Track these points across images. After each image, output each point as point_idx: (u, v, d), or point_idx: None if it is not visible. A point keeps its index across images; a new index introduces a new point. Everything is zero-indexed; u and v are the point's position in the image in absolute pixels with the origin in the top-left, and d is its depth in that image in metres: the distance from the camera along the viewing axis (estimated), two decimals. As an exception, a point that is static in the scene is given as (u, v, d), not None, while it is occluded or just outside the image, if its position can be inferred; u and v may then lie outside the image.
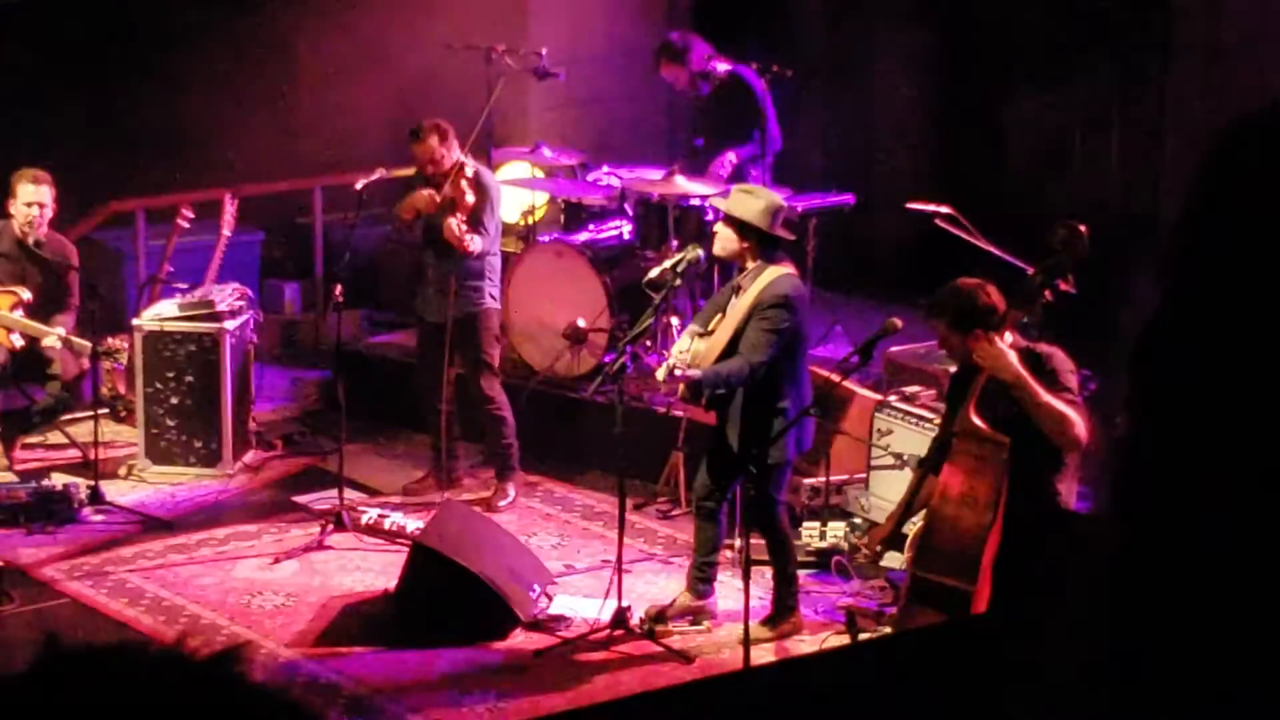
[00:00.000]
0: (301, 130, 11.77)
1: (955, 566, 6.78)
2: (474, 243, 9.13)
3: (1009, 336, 6.89)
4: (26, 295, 9.68)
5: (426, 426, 9.80)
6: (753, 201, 7.99)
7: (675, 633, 8.12)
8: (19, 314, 9.66)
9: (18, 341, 9.65)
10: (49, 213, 9.73)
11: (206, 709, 1.12)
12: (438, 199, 9.21)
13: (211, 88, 11.72)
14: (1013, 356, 6.76)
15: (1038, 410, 6.72)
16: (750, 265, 7.96)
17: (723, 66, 10.59)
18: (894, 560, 8.21)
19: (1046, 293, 6.87)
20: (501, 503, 9.46)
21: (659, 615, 8.15)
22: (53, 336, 9.58)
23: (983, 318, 6.90)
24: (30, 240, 9.72)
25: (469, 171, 9.26)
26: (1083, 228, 6.90)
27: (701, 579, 8.21)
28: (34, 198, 9.65)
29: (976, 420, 6.85)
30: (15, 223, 9.71)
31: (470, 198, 9.17)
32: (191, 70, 11.67)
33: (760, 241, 7.92)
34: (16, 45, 11.41)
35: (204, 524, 9.35)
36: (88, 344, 9.59)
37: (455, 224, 9.09)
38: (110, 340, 9.75)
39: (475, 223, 9.20)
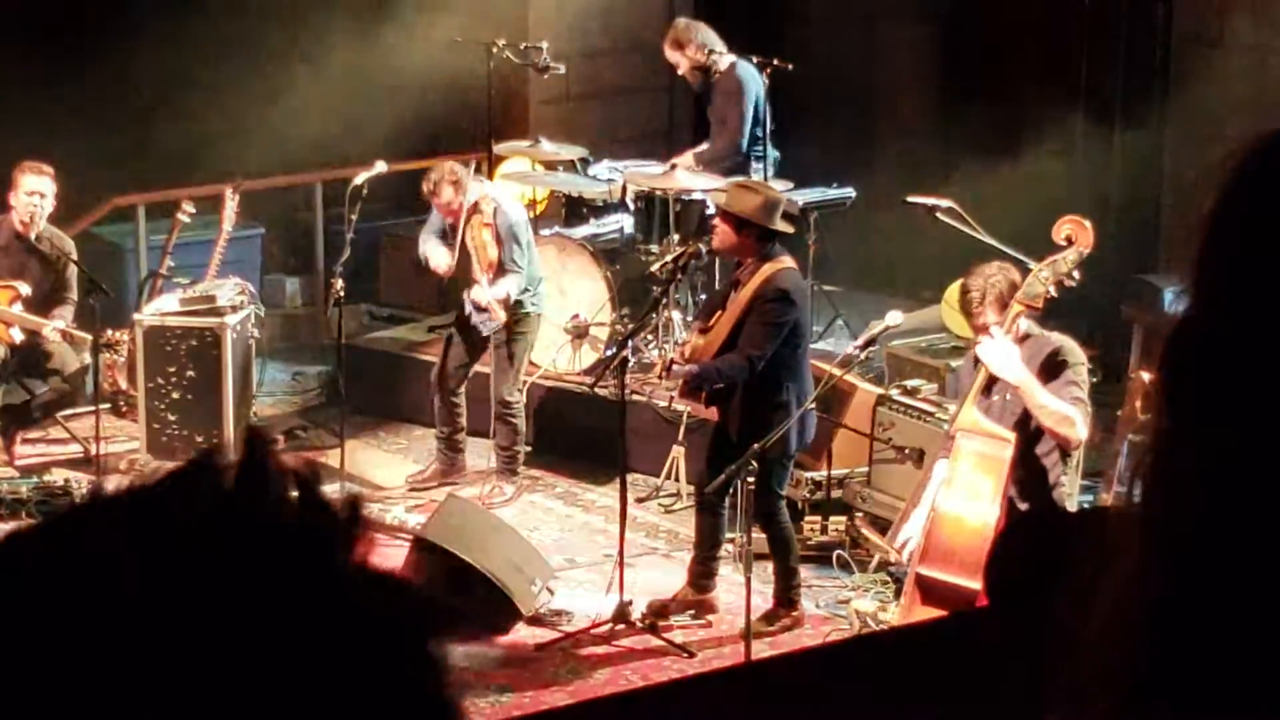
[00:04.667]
0: (302, 125, 11.76)
1: (961, 566, 6.77)
2: (502, 310, 9.12)
3: (1023, 324, 6.88)
4: (25, 290, 9.67)
5: (438, 418, 9.73)
6: (750, 197, 7.97)
7: (677, 627, 8.12)
8: (18, 308, 9.65)
9: (17, 336, 9.65)
10: (49, 205, 9.71)
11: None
12: (451, 266, 9.26)
13: (212, 83, 11.71)
14: (1015, 353, 6.75)
15: (1037, 408, 6.71)
16: (749, 260, 7.95)
17: (726, 60, 10.57)
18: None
19: (1051, 288, 6.86)
20: (496, 500, 9.45)
21: (661, 609, 8.15)
22: (51, 329, 9.57)
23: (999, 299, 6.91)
24: (32, 233, 9.72)
25: (488, 214, 9.19)
26: (1087, 223, 6.89)
27: (703, 573, 8.21)
28: (35, 187, 9.63)
29: (979, 415, 6.85)
30: (16, 215, 9.70)
31: (493, 251, 9.12)
32: (192, 65, 11.66)
33: (759, 236, 7.91)
34: (17, 40, 11.41)
35: (205, 519, 9.33)
36: (88, 337, 9.58)
37: (481, 293, 9.07)
38: (111, 334, 9.74)
39: (504, 266, 9.17)
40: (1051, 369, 6.81)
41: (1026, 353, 6.87)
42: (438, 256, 9.36)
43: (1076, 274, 6.92)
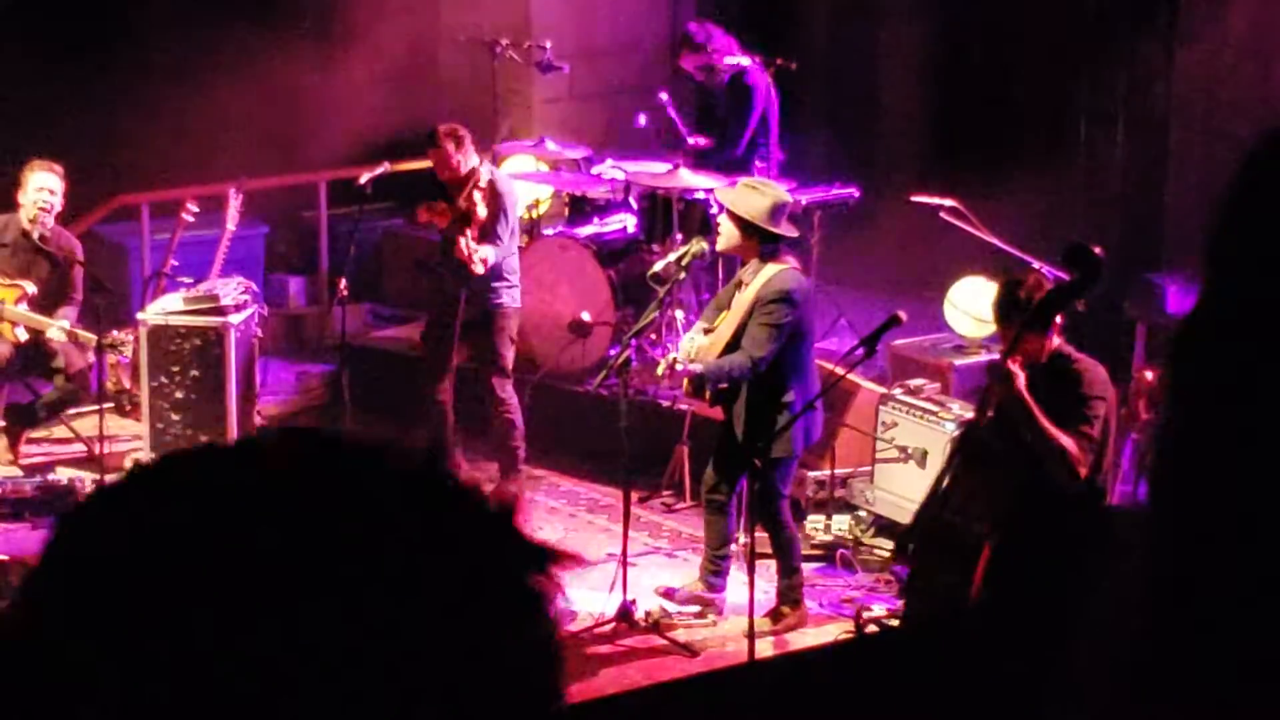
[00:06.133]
0: (306, 124, 11.77)
1: (972, 515, 6.67)
2: (480, 264, 9.03)
3: (1056, 340, 6.82)
4: (31, 289, 9.67)
5: (426, 419, 9.74)
6: (757, 199, 7.97)
7: (680, 626, 8.12)
8: (23, 307, 9.65)
9: (22, 335, 9.65)
10: (58, 204, 9.71)
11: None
12: (450, 216, 9.16)
13: (215, 81, 11.72)
14: (1020, 381, 6.65)
15: (1036, 439, 6.61)
16: (753, 260, 7.95)
17: (732, 60, 10.57)
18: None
19: (1060, 316, 6.80)
20: (499, 499, 9.44)
21: (667, 593, 8.18)
22: (57, 329, 9.58)
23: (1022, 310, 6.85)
24: (36, 234, 9.71)
25: (483, 181, 9.17)
26: (1098, 250, 6.81)
27: (714, 571, 8.21)
28: (46, 185, 9.62)
29: (989, 437, 6.81)
30: (24, 213, 9.69)
31: (483, 211, 9.06)
32: (195, 64, 11.67)
33: (763, 238, 7.91)
34: (19, 40, 11.41)
35: (209, 518, 9.33)
36: (93, 336, 9.58)
37: (465, 243, 8.99)
38: (115, 333, 9.74)
39: (488, 234, 9.12)
40: (1067, 397, 6.71)
41: (1047, 373, 6.76)
42: (434, 208, 9.30)
43: (1081, 300, 6.88)
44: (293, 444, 1.06)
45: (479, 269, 9.02)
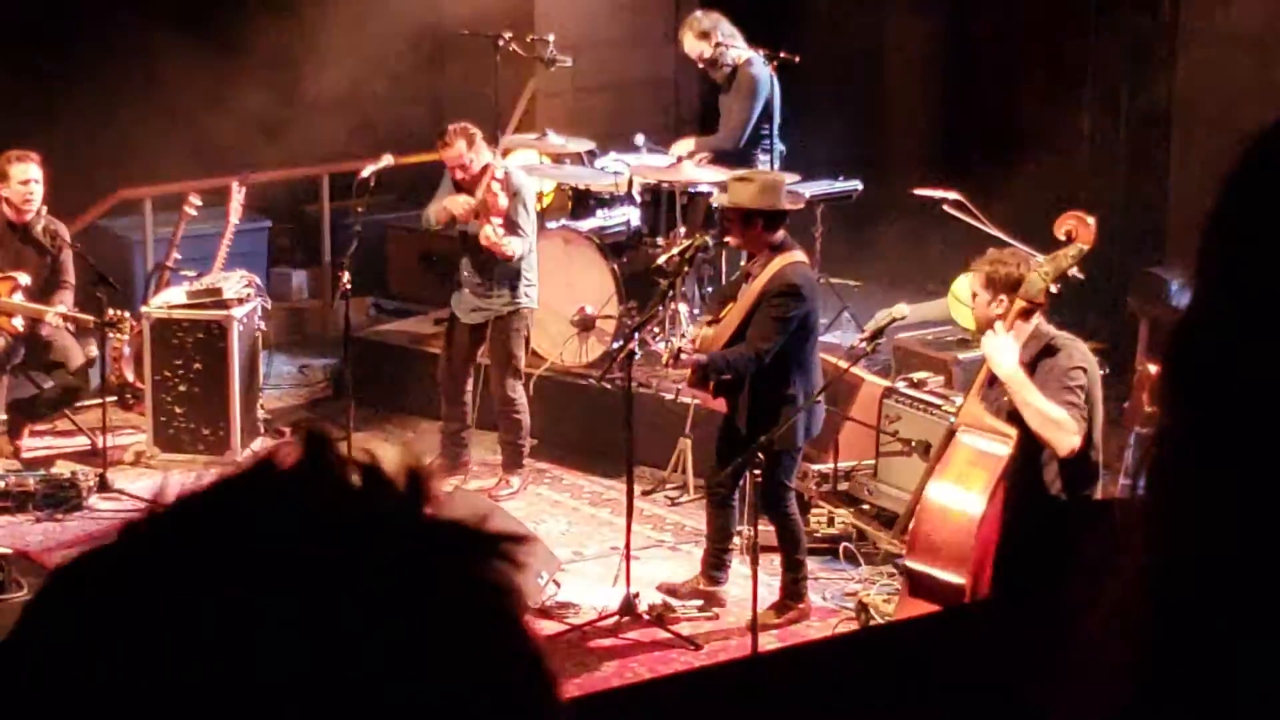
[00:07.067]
0: (309, 117, 11.77)
1: (945, 558, 6.75)
2: (511, 247, 9.10)
3: (1037, 319, 6.86)
4: (25, 280, 9.65)
5: (445, 416, 9.74)
6: (747, 186, 7.97)
7: (684, 619, 8.12)
8: (19, 298, 9.64)
9: (19, 325, 9.64)
10: (41, 190, 9.67)
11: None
12: (473, 207, 9.17)
13: (219, 75, 11.72)
14: (1012, 351, 6.71)
15: (1023, 406, 6.66)
16: (761, 252, 7.94)
17: (733, 54, 10.56)
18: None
19: (1053, 285, 6.84)
20: (503, 492, 9.46)
21: (671, 590, 8.17)
22: (54, 314, 9.56)
23: (1012, 289, 6.86)
24: (39, 225, 9.69)
25: (499, 174, 9.19)
26: (1089, 219, 6.86)
27: (716, 565, 8.21)
28: (26, 175, 9.60)
29: (981, 410, 6.83)
30: (9, 206, 9.64)
31: (503, 201, 9.09)
32: (199, 57, 11.67)
33: (768, 222, 7.90)
34: (21, 34, 11.42)
35: (212, 512, 9.33)
36: (90, 317, 9.56)
37: (491, 230, 9.03)
38: (112, 311, 9.65)
39: (511, 226, 9.16)
40: (1048, 371, 6.76)
41: (1029, 350, 6.83)
42: (455, 204, 9.27)
43: (1078, 270, 6.90)
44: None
45: (511, 251, 9.06)
